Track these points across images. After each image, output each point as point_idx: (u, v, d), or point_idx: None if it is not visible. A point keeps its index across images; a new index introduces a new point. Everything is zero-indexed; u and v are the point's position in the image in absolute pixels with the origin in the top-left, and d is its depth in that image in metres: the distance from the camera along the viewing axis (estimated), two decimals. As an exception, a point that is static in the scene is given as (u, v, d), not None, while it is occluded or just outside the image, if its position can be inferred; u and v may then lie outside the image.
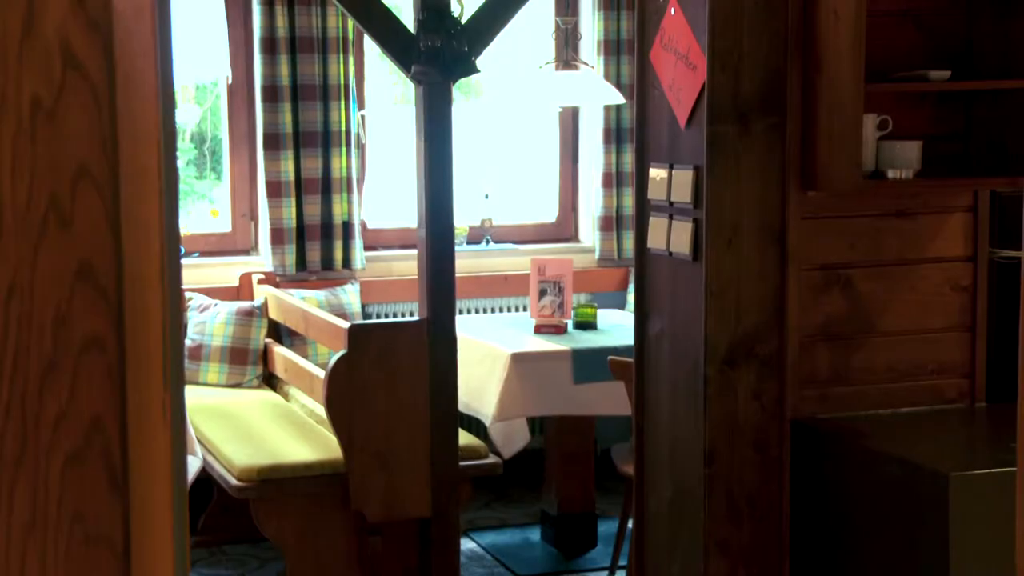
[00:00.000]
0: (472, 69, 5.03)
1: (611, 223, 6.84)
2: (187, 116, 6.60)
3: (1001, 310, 3.67)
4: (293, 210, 6.30)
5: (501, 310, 6.60)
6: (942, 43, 3.59)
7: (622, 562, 5.42)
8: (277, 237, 6.29)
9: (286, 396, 5.96)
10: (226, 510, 5.74)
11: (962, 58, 3.57)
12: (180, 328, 1.62)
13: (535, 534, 6.03)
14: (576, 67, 5.97)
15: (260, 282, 6.29)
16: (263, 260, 6.39)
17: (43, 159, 1.48)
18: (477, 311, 6.52)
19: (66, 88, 1.48)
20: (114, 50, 1.50)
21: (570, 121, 6.99)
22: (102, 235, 1.50)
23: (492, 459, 5.26)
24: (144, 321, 1.52)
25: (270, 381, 6.12)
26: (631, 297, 5.56)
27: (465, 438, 5.18)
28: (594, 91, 5.92)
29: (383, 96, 6.76)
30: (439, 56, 4.94)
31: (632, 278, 5.33)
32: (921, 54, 3.57)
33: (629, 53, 6.59)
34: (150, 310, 1.53)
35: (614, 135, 6.77)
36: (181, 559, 1.60)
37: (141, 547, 1.55)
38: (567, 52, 6.07)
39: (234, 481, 4.99)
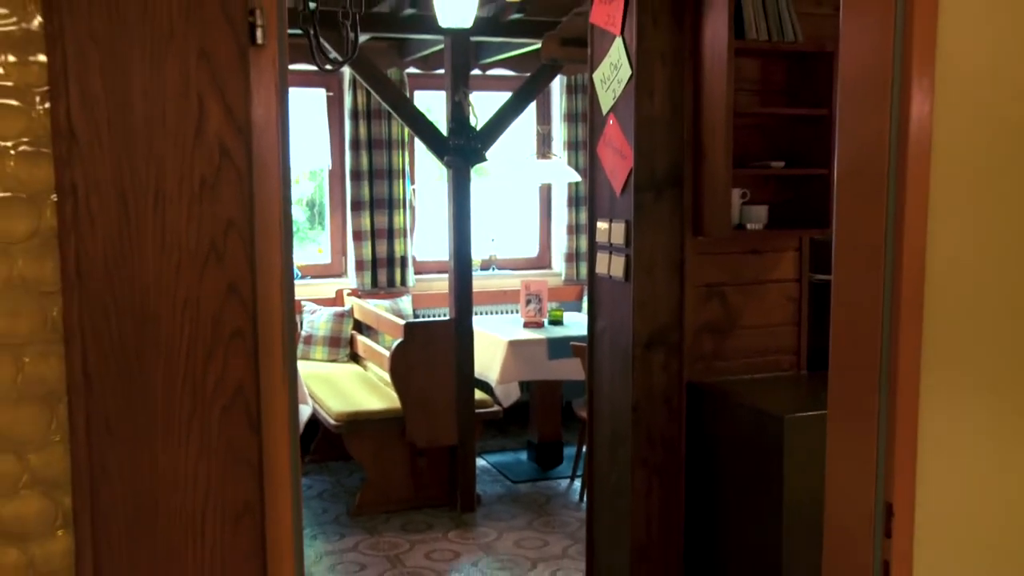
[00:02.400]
0: (483, 159, 5.04)
1: (572, 257, 6.86)
2: (303, 190, 6.59)
3: (816, 312, 3.67)
4: (370, 249, 6.31)
5: (502, 313, 6.61)
6: (779, 144, 3.59)
7: (579, 473, 5.42)
8: (359, 266, 6.31)
9: (365, 368, 5.97)
10: (327, 440, 5.75)
11: (791, 154, 3.57)
12: (295, 325, 1.62)
13: (523, 455, 6.03)
14: (550, 157, 5.98)
15: (348, 295, 6.30)
16: (351, 281, 6.40)
17: (207, 216, 1.48)
18: (486, 313, 6.53)
19: (222, 171, 1.48)
20: (252, 147, 1.50)
21: (546, 192, 7.01)
22: (243, 265, 1.49)
23: (496, 408, 5.28)
24: (270, 320, 1.52)
25: (355, 358, 6.13)
26: (585, 305, 5.55)
27: (478, 394, 5.19)
28: (561, 173, 5.94)
29: (427, 176, 6.77)
30: (462, 151, 4.95)
31: (586, 292, 5.33)
32: (767, 151, 3.57)
33: (584, 149, 6.62)
34: (274, 313, 1.53)
35: (574, 200, 6.79)
36: (296, 472, 1.60)
37: (270, 465, 1.55)
38: (544, 148, 6.08)
39: (332, 421, 4.99)
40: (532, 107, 6.55)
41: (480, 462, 5.81)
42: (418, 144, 6.38)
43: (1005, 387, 1.83)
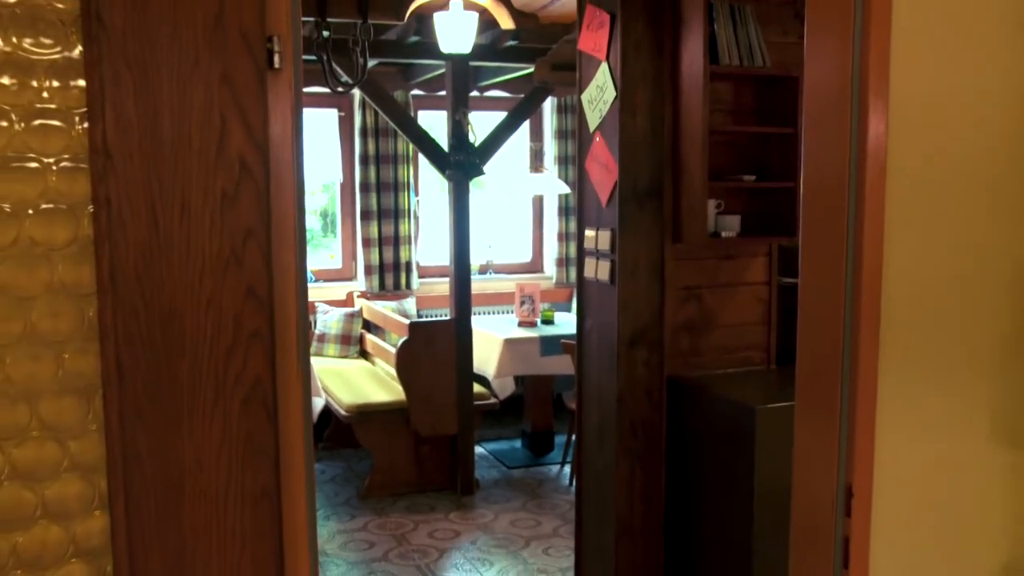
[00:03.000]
0: (481, 173, 5.05)
1: (563, 262, 6.86)
2: (317, 201, 6.60)
3: (784, 312, 3.67)
4: (377, 255, 6.31)
5: (498, 313, 6.61)
6: (751, 159, 3.59)
7: (569, 459, 5.42)
8: (368, 270, 6.30)
9: (373, 363, 5.96)
10: (339, 429, 5.75)
11: (762, 168, 3.57)
12: (308, 325, 1.62)
13: (518, 443, 6.03)
14: (542, 171, 5.99)
15: (358, 297, 6.29)
16: (360, 284, 6.39)
17: (228, 226, 1.48)
18: (484, 313, 6.53)
19: (241, 184, 1.48)
20: (270, 162, 1.50)
21: (539, 203, 7.02)
22: (261, 270, 1.50)
23: (493, 400, 5.28)
24: (286, 320, 1.53)
25: (364, 355, 6.13)
26: (574, 305, 5.56)
27: (477, 388, 5.19)
28: (553, 186, 5.95)
29: (430, 188, 6.77)
30: (462, 165, 4.96)
31: (575, 294, 5.33)
32: (739, 165, 3.58)
33: (573, 163, 6.64)
34: (289, 313, 1.53)
35: (564, 210, 6.80)
36: (310, 458, 1.60)
37: (285, 454, 1.55)
38: (537, 162, 6.09)
39: (343, 412, 4.99)
40: (526, 125, 6.57)
41: (478, 449, 5.82)
42: (421, 159, 6.40)
43: (954, 381, 1.85)
